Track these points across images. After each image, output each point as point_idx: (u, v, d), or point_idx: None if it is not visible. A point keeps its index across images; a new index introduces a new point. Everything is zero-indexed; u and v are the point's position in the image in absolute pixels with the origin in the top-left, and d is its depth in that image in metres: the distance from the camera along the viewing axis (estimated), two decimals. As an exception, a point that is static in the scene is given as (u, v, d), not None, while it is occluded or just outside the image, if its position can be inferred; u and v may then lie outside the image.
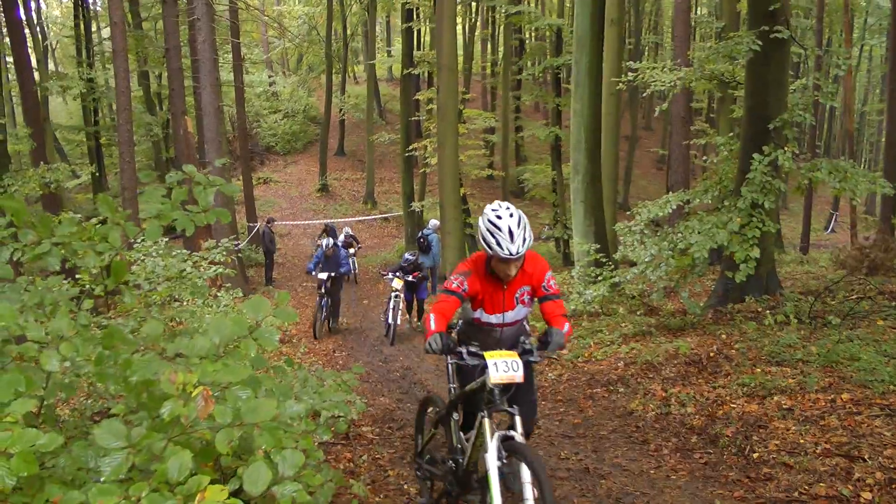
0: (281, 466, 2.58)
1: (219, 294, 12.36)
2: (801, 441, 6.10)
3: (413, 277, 14.97)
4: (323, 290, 15.36)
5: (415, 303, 15.73)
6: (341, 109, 45.86)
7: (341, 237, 23.35)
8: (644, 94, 16.81)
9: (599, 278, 12.68)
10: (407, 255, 15.57)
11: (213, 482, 2.38)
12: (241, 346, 2.80)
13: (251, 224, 28.83)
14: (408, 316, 15.99)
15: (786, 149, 10.26)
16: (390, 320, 14.62)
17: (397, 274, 14.87)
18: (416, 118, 32.92)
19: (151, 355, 2.89)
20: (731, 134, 14.08)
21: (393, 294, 14.74)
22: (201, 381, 2.52)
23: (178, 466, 2.36)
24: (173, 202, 3.30)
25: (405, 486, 6.06)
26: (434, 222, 20.69)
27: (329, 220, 30.94)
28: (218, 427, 2.49)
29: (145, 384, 3.00)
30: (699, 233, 10.22)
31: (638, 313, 12.46)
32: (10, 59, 28.85)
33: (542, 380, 9.98)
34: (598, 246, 14.16)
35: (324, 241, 15.68)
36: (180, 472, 2.35)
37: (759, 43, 10.75)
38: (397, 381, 10.97)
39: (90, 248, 3.29)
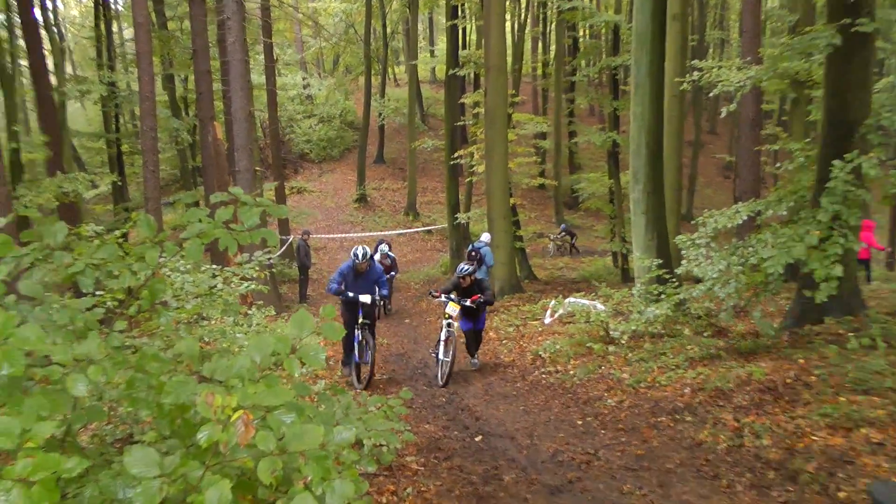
0: (329, 499, 2.56)
1: (250, 312, 12.43)
2: (895, 479, 5.99)
3: (472, 302, 12.80)
4: (360, 321, 12.65)
5: (472, 333, 13.62)
6: (381, 114, 46.07)
7: (377, 255, 20.76)
8: (709, 96, 16.68)
9: (662, 296, 12.57)
10: (463, 266, 13.31)
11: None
12: (284, 366, 2.80)
13: (284, 237, 29.02)
14: (467, 352, 13.92)
15: (871, 155, 10.04)
16: (441, 355, 12.74)
17: (451, 297, 12.87)
18: (461, 123, 32.95)
19: (186, 376, 2.90)
20: (808, 139, 13.89)
21: (445, 322, 12.78)
22: (241, 404, 2.52)
23: (217, 497, 2.35)
24: (217, 221, 3.34)
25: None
26: (487, 236, 20.69)
27: (382, 235, 31.10)
28: (260, 455, 2.48)
29: (180, 409, 3.01)
30: (773, 247, 10.05)
31: (705, 335, 12.32)
32: (24, 62, 29.33)
33: (601, 406, 9.93)
34: (661, 261, 14.02)
35: (359, 250, 12.72)
36: (220, 504, 2.34)
37: (840, 38, 10.58)
38: (443, 406, 10.95)
39: (126, 268, 3.32)
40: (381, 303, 18.04)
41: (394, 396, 5.20)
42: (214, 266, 10.76)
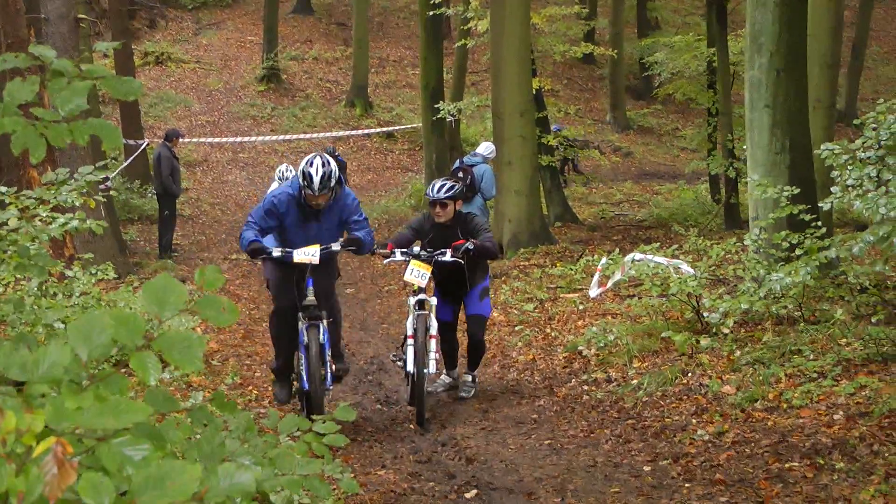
0: None
1: (70, 271, 12.38)
2: None
3: (453, 255, 11.53)
4: (305, 301, 10.91)
5: (452, 326, 12.64)
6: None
7: (274, 184, 18.39)
8: None
9: (799, 252, 12.56)
10: (439, 182, 12.09)
11: None
12: (131, 365, 2.78)
13: (132, 142, 28.76)
14: (446, 368, 12.94)
15: None
16: (410, 366, 11.53)
17: (413, 252, 11.79)
18: (447, -57, 32.80)
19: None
20: None
21: (413, 301, 11.76)
22: (52, 426, 2.51)
23: None
24: (8, 105, 3.29)
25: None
26: (487, 146, 20.65)
27: (310, 139, 30.86)
28: (85, 515, 2.48)
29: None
30: None
31: (874, 319, 12.32)
32: None
33: (685, 442, 9.98)
34: (798, 190, 13.99)
35: (315, 167, 10.41)
36: None
37: None
38: (411, 437, 10.97)
39: None
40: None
41: (323, 419, 5.21)
42: (2, 189, 10.70)
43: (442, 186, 11.62)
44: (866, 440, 8.95)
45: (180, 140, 26.53)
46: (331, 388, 10.97)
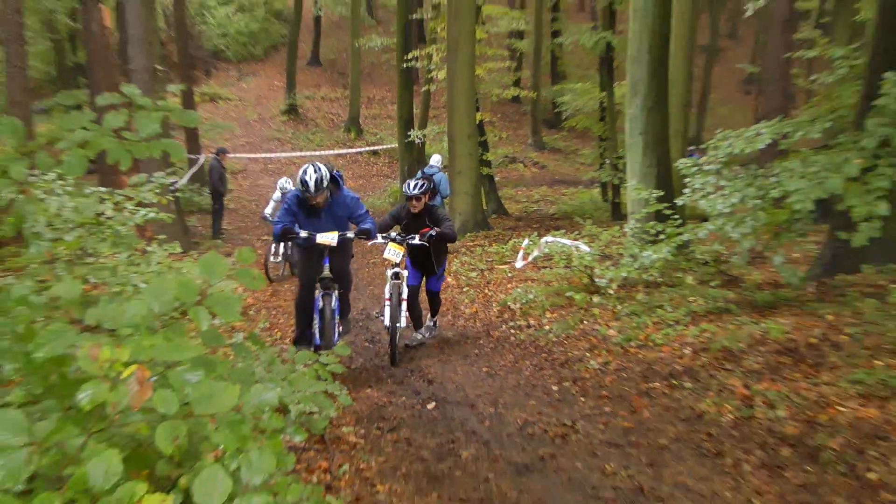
0: (245, 473, 2.56)
1: (149, 248, 12.34)
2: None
3: (422, 238, 11.44)
4: (323, 275, 10.34)
5: (421, 294, 12.45)
6: (317, 2, 45.52)
7: (276, 193, 19.51)
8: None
9: (661, 236, 12.62)
10: (413, 182, 11.84)
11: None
12: (190, 315, 2.78)
13: (193, 157, 28.71)
14: (414, 327, 12.38)
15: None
16: (388, 320, 11.29)
17: (391, 236, 11.46)
18: (417, 17, 32.70)
19: (63, 324, 2.87)
20: (854, 45, 13.90)
21: (390, 273, 11.47)
22: (135, 358, 2.51)
23: (102, 471, 2.34)
24: (105, 128, 3.29)
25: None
26: (437, 157, 20.62)
27: (319, 155, 30.75)
28: (158, 419, 2.48)
29: (55, 362, 2.98)
30: (802, 177, 10.04)
31: (712, 284, 12.40)
32: None
33: (581, 369, 10.02)
34: (662, 193, 14.06)
35: (309, 174, 9.79)
36: (106, 479, 2.33)
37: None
38: (388, 367, 10.97)
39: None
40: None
41: (325, 353, 5.22)
42: (103, 189, 10.63)
43: (416, 185, 11.55)
44: (706, 367, 9.00)
45: (226, 155, 26.40)
46: (336, 342, 9.97)
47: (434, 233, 11.37)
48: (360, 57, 38.66)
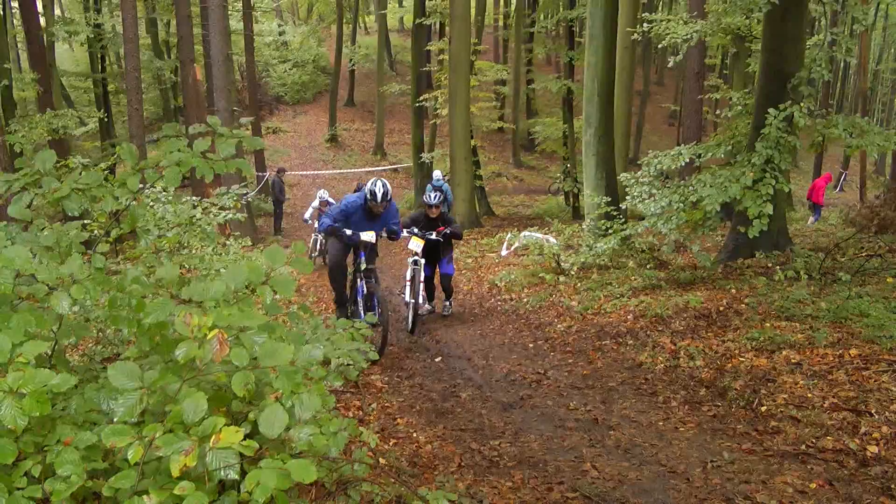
0: (298, 410, 2.57)
1: (228, 242, 12.36)
2: (809, 395, 6.11)
3: (437, 234, 11.14)
4: (362, 266, 9.48)
5: (436, 278, 11.92)
6: (352, 60, 45.52)
7: (315, 202, 18.87)
8: (659, 46, 16.76)
9: (610, 231, 12.67)
10: (431, 194, 11.63)
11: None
12: (257, 293, 2.80)
13: (260, 174, 28.81)
14: (426, 301, 11.87)
15: (801, 105, 10.16)
16: (408, 297, 10.97)
17: (413, 231, 11.15)
18: (427, 69, 32.78)
19: (165, 298, 2.88)
20: (746, 90, 14.00)
21: (411, 260, 11.18)
22: (216, 324, 2.52)
23: (193, 408, 2.36)
24: (195, 151, 3.31)
25: (414, 434, 6.09)
26: (438, 173, 20.66)
27: (352, 172, 30.75)
28: (233, 370, 2.49)
29: (159, 327, 3.01)
30: (711, 186, 10.15)
31: (648, 267, 12.43)
32: (15, 3, 28.72)
33: (551, 331, 10.01)
34: (609, 199, 14.11)
35: (379, 187, 9.29)
36: (195, 414, 2.35)
37: (778, -4, 10.62)
38: (405, 330, 10.96)
39: (108, 194, 3.29)
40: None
41: (358, 320, 5.22)
42: (194, 197, 10.68)
43: (435, 197, 11.39)
44: (643, 329, 8.99)
45: (285, 172, 26.54)
46: (379, 323, 8.87)
47: (449, 231, 11.17)
48: (384, 99, 38.66)
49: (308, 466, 2.33)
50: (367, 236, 9.28)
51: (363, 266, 9.37)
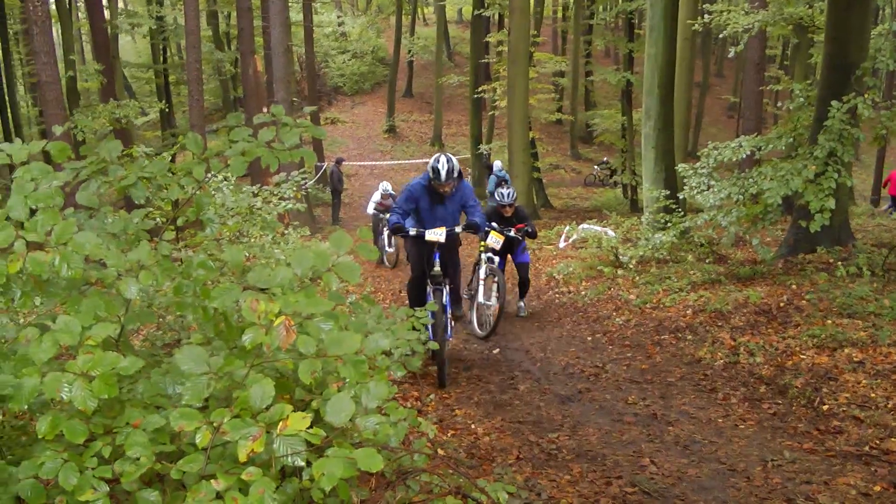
0: (365, 399, 2.58)
1: (287, 231, 12.47)
2: (872, 395, 6.01)
3: (517, 232, 10.30)
4: (433, 271, 7.97)
5: (513, 272, 11.32)
6: (410, 51, 45.66)
7: (376, 196, 17.33)
8: (719, 37, 16.55)
9: (668, 225, 12.55)
10: (505, 191, 10.52)
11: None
12: (323, 279, 2.80)
13: (318, 164, 28.99)
14: (519, 303, 11.32)
15: (866, 96, 9.95)
16: (482, 298, 9.69)
17: (492, 225, 10.04)
18: (485, 61, 32.72)
19: (231, 284, 2.91)
20: (808, 81, 13.77)
21: (485, 257, 9.80)
22: (283, 310, 2.52)
23: (260, 394, 2.37)
24: (260, 140, 3.34)
25: (472, 426, 6.09)
26: (498, 163, 20.70)
27: (410, 163, 30.81)
28: (299, 357, 2.50)
29: (224, 313, 3.03)
30: (772, 179, 10.00)
31: (707, 261, 12.30)
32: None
33: (609, 324, 9.95)
34: (668, 192, 13.99)
35: (442, 163, 7.76)
36: (263, 400, 2.36)
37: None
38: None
39: (175, 182, 3.33)
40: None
41: (420, 309, 5.23)
42: (254, 187, 10.78)
43: (510, 195, 10.31)
44: (703, 324, 8.90)
45: (343, 163, 26.70)
46: (450, 338, 8.31)
47: (530, 230, 10.40)
48: (442, 90, 38.67)
49: (374, 455, 2.33)
50: (435, 235, 7.71)
51: (433, 270, 7.91)
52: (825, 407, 6.00)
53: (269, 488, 2.20)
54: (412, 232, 7.84)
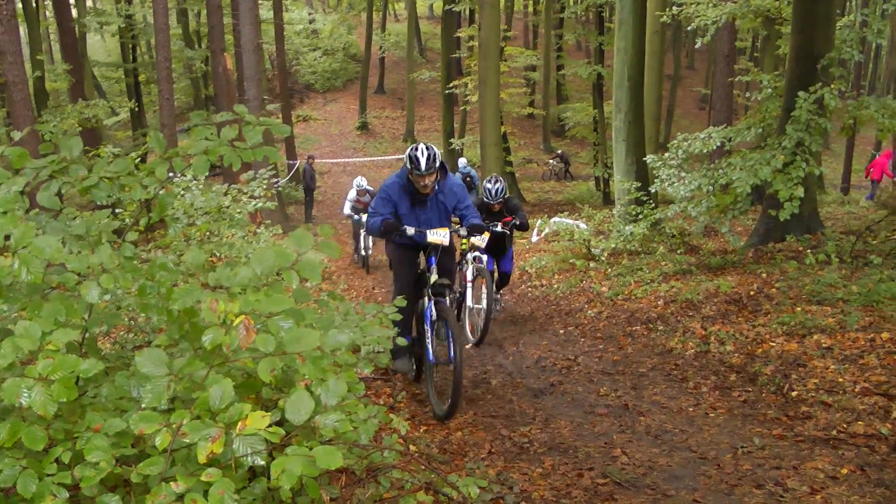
0: (324, 396, 2.56)
1: (258, 230, 12.41)
2: (840, 380, 6.04)
3: (504, 226, 9.40)
4: (432, 281, 6.63)
5: (496, 275, 10.03)
6: (381, 47, 45.54)
7: (351, 192, 16.43)
8: (689, 29, 16.59)
9: (640, 216, 12.61)
10: (492, 186, 9.51)
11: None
12: (284, 278, 2.80)
13: (291, 161, 28.90)
14: (496, 295, 10.21)
15: (832, 87, 10.05)
16: (470, 301, 9.24)
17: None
18: (456, 56, 32.84)
19: (193, 285, 2.89)
20: (776, 72, 13.87)
21: (470, 256, 9.32)
22: (243, 310, 2.51)
23: (219, 394, 2.36)
24: (222, 139, 3.31)
25: (445, 421, 6.09)
26: (463, 160, 20.75)
27: (383, 160, 30.78)
28: (260, 356, 2.49)
29: (187, 314, 3.01)
30: (742, 169, 10.07)
31: (678, 252, 12.38)
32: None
33: (581, 317, 9.98)
34: (640, 184, 14.05)
35: (421, 150, 6.45)
36: (222, 400, 2.35)
37: (808, -23, 10.52)
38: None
39: (137, 182, 3.30)
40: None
41: (388, 305, 5.20)
42: (224, 185, 10.74)
43: (498, 191, 9.40)
44: (674, 314, 8.94)
45: (315, 160, 26.65)
46: (449, 362, 6.53)
47: (517, 222, 9.48)
48: (414, 86, 38.64)
49: (334, 453, 2.32)
50: (438, 236, 6.54)
51: (433, 279, 6.62)
52: (794, 393, 6.04)
53: (230, 489, 2.19)
54: (410, 231, 6.55)
